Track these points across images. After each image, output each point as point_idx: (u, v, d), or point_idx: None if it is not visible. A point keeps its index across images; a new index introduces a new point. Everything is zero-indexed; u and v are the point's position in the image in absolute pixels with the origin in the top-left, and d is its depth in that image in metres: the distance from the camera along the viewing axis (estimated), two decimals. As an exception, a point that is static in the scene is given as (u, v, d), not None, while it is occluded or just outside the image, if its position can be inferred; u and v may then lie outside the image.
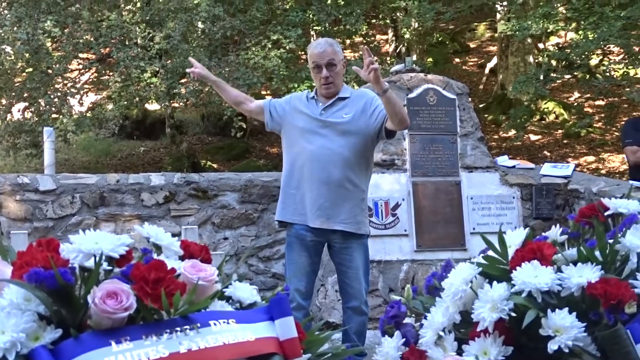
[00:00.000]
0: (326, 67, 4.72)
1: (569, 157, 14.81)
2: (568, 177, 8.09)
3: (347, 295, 4.79)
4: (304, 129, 4.79)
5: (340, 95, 4.84)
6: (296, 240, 4.77)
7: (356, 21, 12.60)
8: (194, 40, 12.02)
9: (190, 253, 1.84)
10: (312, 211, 4.70)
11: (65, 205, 7.40)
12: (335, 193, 4.69)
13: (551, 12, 12.16)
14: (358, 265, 4.77)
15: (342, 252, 4.77)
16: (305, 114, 4.83)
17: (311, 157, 4.73)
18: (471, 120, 7.89)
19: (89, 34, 11.57)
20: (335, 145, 4.71)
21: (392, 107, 4.49)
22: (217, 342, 1.59)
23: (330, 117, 4.78)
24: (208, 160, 14.82)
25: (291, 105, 4.93)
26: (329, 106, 4.82)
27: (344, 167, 4.71)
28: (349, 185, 4.74)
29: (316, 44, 4.89)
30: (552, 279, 1.86)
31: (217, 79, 5.24)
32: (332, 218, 4.69)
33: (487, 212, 7.64)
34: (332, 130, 4.75)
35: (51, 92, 11.80)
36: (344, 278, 4.80)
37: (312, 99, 4.89)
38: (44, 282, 1.52)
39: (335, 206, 4.69)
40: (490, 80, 18.55)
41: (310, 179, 4.71)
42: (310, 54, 4.83)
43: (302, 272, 4.72)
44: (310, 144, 4.74)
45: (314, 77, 4.87)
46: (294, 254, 4.78)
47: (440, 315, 1.95)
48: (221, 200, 7.76)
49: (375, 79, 4.36)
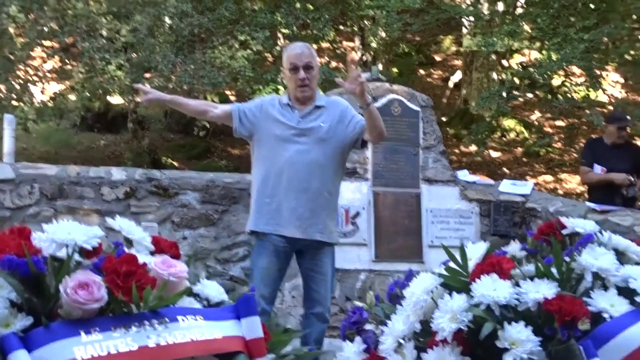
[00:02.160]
0: (304, 69, 4.67)
1: (528, 175, 15.01)
2: (526, 195, 8.20)
3: (312, 301, 4.76)
4: (280, 136, 4.71)
5: (316, 103, 4.79)
6: (268, 247, 4.68)
7: (324, 26, 12.64)
8: (160, 35, 11.95)
9: (160, 249, 1.87)
10: (290, 221, 4.63)
11: (24, 195, 7.32)
12: (314, 202, 4.66)
13: (516, 30, 12.33)
14: (327, 272, 4.76)
15: (314, 258, 4.74)
16: (281, 122, 4.74)
17: (289, 166, 4.66)
18: (434, 134, 7.97)
19: (54, 22, 11.45)
20: (313, 154, 4.68)
21: (373, 121, 4.55)
22: (185, 338, 1.62)
23: (308, 125, 4.73)
24: (169, 158, 14.74)
25: (263, 111, 4.83)
26: (306, 114, 4.76)
27: (322, 176, 4.70)
28: (327, 194, 4.74)
29: (294, 46, 4.87)
30: (510, 293, 1.92)
31: (172, 96, 5.17)
32: (311, 228, 4.66)
33: (446, 226, 7.72)
34: (310, 139, 4.69)
35: (13, 78, 11.65)
36: (310, 284, 4.76)
37: (287, 106, 4.81)
38: (16, 269, 1.54)
39: (314, 216, 4.66)
40: (454, 94, 18.72)
41: (288, 187, 4.65)
42: (287, 56, 4.77)
43: (270, 278, 4.66)
44: (287, 152, 4.67)
45: (289, 80, 4.79)
46: (263, 260, 4.68)
47: (400, 323, 2.00)
48: (182, 199, 7.73)
49: (361, 93, 4.40)
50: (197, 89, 11.57)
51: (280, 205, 4.66)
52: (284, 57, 4.83)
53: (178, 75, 11.32)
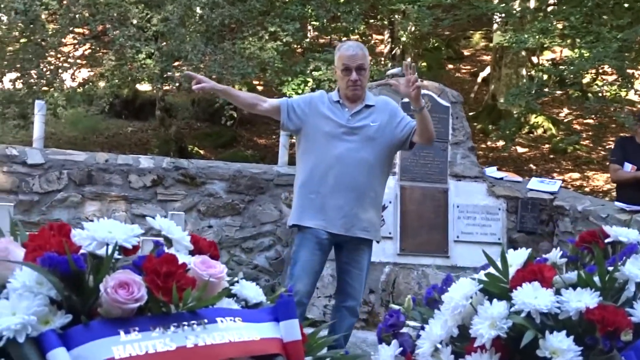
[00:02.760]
0: (356, 71, 4.70)
1: (555, 172, 14.91)
2: (554, 193, 8.15)
3: (346, 295, 4.79)
4: (329, 133, 4.73)
5: (366, 102, 4.81)
6: (310, 240, 4.70)
7: (354, 20, 12.60)
8: (191, 25, 11.97)
9: (199, 248, 1.86)
10: (336, 218, 4.67)
11: (52, 180, 7.37)
12: (361, 200, 4.69)
13: (548, 28, 12.21)
14: (364, 267, 4.81)
15: (353, 253, 4.77)
16: (330, 119, 4.76)
17: (337, 163, 4.69)
18: (463, 130, 7.93)
19: (86, 10, 11.50)
20: (362, 153, 4.70)
21: (425, 125, 4.60)
22: (223, 339, 1.60)
23: (358, 124, 4.75)
24: (195, 146, 14.78)
25: (312, 107, 4.84)
26: (356, 113, 4.78)
27: (369, 175, 4.72)
28: (372, 193, 4.77)
29: (347, 46, 4.84)
30: (551, 301, 1.89)
31: (224, 87, 5.16)
32: (355, 225, 4.69)
33: (472, 222, 7.69)
34: (359, 137, 4.71)
35: (44, 64, 11.73)
36: (346, 277, 4.80)
37: (337, 103, 4.82)
38: (57, 267, 1.53)
39: (359, 213, 4.69)
40: (482, 90, 18.62)
41: (335, 185, 4.68)
42: (340, 56, 4.78)
43: (310, 271, 4.69)
44: (336, 149, 4.69)
45: (340, 79, 4.81)
46: (305, 252, 4.71)
47: (438, 328, 1.98)
48: (208, 188, 7.76)
49: (416, 97, 4.43)
50: (225, 79, 11.56)
51: (325, 202, 4.69)
52: (337, 56, 4.84)
53: (207, 65, 11.33)
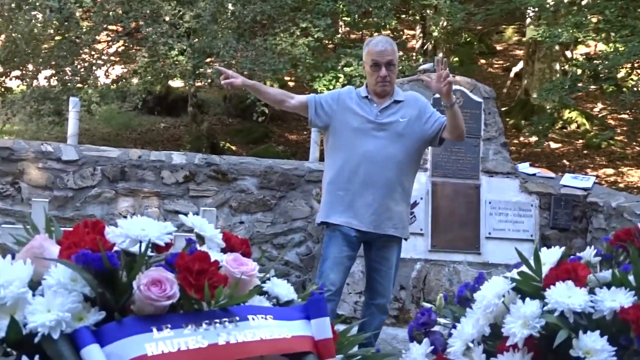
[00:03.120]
0: (385, 66, 4.65)
1: (588, 167, 14.76)
2: (588, 189, 8.07)
3: (375, 292, 4.76)
4: (357, 129, 4.68)
5: (395, 98, 4.76)
6: (338, 236, 4.67)
7: (386, 15, 12.57)
8: (223, 22, 12.02)
9: (231, 246, 1.87)
10: (365, 215, 4.63)
11: (86, 176, 7.45)
12: (390, 198, 4.65)
13: (582, 22, 12.08)
14: (392, 265, 4.77)
15: (382, 251, 4.75)
16: (358, 115, 4.71)
17: (366, 159, 4.64)
18: (495, 125, 7.88)
19: (120, 7, 11.60)
20: (391, 149, 4.65)
21: (456, 121, 4.54)
22: (255, 336, 1.61)
23: (387, 120, 4.70)
24: (227, 142, 14.85)
25: (340, 102, 4.79)
26: (385, 108, 4.73)
27: (398, 171, 4.67)
28: (401, 189, 4.72)
29: (376, 41, 4.77)
30: (585, 300, 1.87)
31: (253, 82, 5.10)
32: (384, 223, 4.66)
33: (504, 218, 7.64)
34: (388, 133, 4.66)
35: (78, 61, 11.86)
36: (375, 275, 4.76)
37: (365, 99, 4.77)
38: (91, 264, 1.55)
39: (388, 211, 4.65)
40: (515, 85, 18.47)
41: (364, 181, 4.63)
42: (369, 51, 4.73)
43: (340, 267, 4.66)
44: (365, 145, 4.65)
45: (369, 75, 4.75)
46: (334, 249, 4.68)
47: (470, 327, 1.97)
48: (240, 184, 7.79)
49: (448, 92, 4.37)
50: (257, 75, 11.60)
51: (354, 199, 4.65)
52: (365, 51, 4.79)
53: (239, 61, 11.38)
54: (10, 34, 11.50)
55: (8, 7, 11.36)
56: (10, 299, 1.51)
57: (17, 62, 11.97)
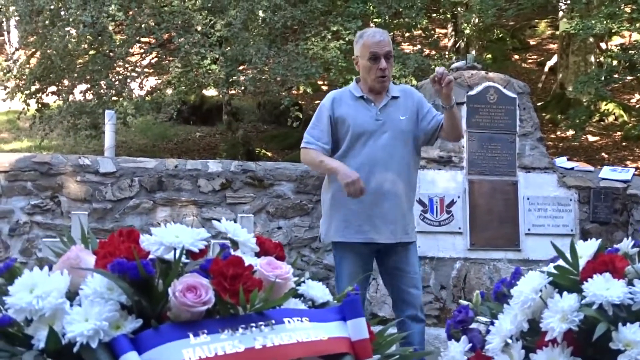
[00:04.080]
0: (384, 58, 4.32)
1: (628, 160, 14.56)
2: (627, 181, 7.96)
3: (404, 303, 4.43)
4: (359, 133, 4.37)
5: (391, 94, 4.46)
6: (350, 252, 4.37)
7: (416, 15, 12.52)
8: (254, 29, 12.07)
9: (265, 250, 1.88)
10: (384, 227, 4.34)
11: (124, 188, 7.52)
12: (402, 203, 4.40)
13: (616, 12, 11.93)
14: (416, 269, 4.48)
15: (401, 255, 4.43)
16: (358, 118, 4.39)
17: (376, 166, 4.34)
18: (531, 120, 7.81)
19: (152, 19, 11.70)
20: (398, 150, 4.38)
21: (454, 122, 4.33)
22: (291, 339, 1.62)
23: (389, 119, 4.39)
24: (262, 149, 14.90)
25: (336, 114, 4.41)
26: (383, 107, 4.42)
27: (407, 173, 4.43)
28: (411, 192, 4.51)
29: (372, 32, 4.43)
30: (623, 292, 1.85)
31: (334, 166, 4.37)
32: (400, 230, 4.39)
33: (543, 214, 7.57)
34: (391, 134, 4.37)
35: (112, 75, 11.99)
36: (399, 284, 4.44)
37: (361, 99, 4.43)
38: (127, 272, 1.57)
39: (402, 217, 4.40)
40: (549, 79, 18.30)
41: (378, 190, 4.32)
42: (365, 43, 4.36)
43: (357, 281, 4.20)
44: (372, 151, 4.35)
45: (367, 70, 4.36)
46: (349, 266, 4.37)
47: (508, 323, 1.96)
48: (276, 190, 7.82)
49: (447, 94, 4.14)
50: (290, 81, 11.64)
51: (369, 211, 4.33)
52: (359, 44, 4.41)
53: (271, 67, 11.42)
54: (45, 51, 11.66)
55: (42, 25, 11.52)
56: (48, 310, 1.54)
57: (53, 78, 12.14)
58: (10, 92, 11.97)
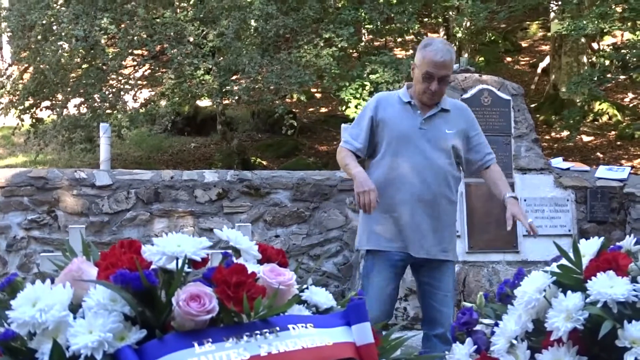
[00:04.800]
0: (438, 81, 4.13)
1: (623, 159, 14.60)
2: (624, 180, 7.98)
3: (434, 322, 4.24)
4: (401, 140, 4.19)
5: (442, 106, 4.27)
6: (384, 262, 4.21)
7: (408, 19, 12.57)
8: (246, 38, 12.11)
9: (267, 257, 1.87)
10: (415, 239, 4.17)
11: (121, 200, 7.51)
12: (440, 217, 4.21)
13: (607, 12, 11.98)
14: (450, 288, 4.28)
15: (435, 271, 4.25)
16: (401, 124, 4.22)
17: (412, 175, 4.17)
18: (526, 122, 7.83)
19: (144, 31, 11.72)
20: (440, 162, 4.20)
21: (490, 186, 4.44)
22: (296, 346, 1.61)
23: (433, 130, 4.21)
24: (258, 157, 14.91)
25: (379, 116, 4.25)
26: (430, 117, 4.23)
27: (446, 186, 4.23)
28: (450, 207, 4.29)
29: (437, 49, 4.15)
30: (628, 289, 1.84)
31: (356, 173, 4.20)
32: (435, 246, 4.21)
33: (541, 215, 7.57)
34: (434, 145, 4.20)
35: (106, 88, 12.00)
36: (431, 301, 4.25)
37: (408, 105, 4.25)
38: (129, 283, 1.55)
39: (438, 232, 4.20)
40: (542, 80, 18.36)
41: (412, 200, 4.16)
42: (424, 59, 4.15)
43: (387, 299, 4.22)
44: (410, 159, 4.18)
45: (418, 82, 4.19)
46: (379, 277, 4.20)
47: (512, 323, 1.95)
48: (273, 198, 7.81)
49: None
50: (283, 89, 11.66)
51: (402, 220, 4.17)
52: (421, 55, 4.18)
53: (265, 76, 11.44)
54: (38, 66, 11.67)
55: (35, 40, 11.53)
56: (51, 323, 1.52)
57: (47, 93, 12.15)
58: (4, 107, 11.98)
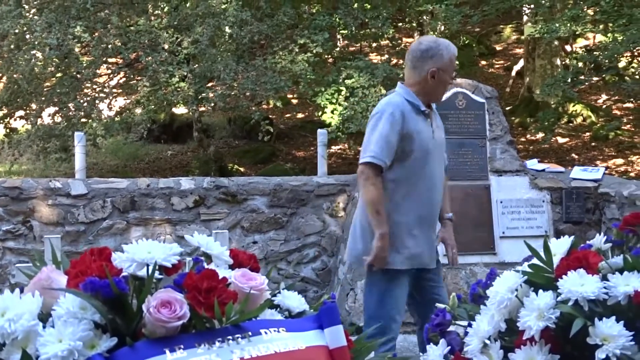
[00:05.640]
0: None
1: (597, 159, 14.71)
2: (598, 180, 8.03)
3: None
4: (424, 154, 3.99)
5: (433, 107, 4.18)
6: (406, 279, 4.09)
7: (383, 24, 12.61)
8: (221, 45, 12.10)
9: (239, 262, 1.87)
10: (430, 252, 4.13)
11: (97, 209, 7.46)
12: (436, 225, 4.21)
13: (579, 15, 12.09)
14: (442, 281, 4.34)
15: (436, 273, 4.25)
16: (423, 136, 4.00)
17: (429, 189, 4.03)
18: (500, 124, 7.86)
19: (118, 39, 11.67)
20: (441, 172, 4.15)
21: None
22: (269, 350, 1.60)
23: (439, 139, 4.12)
24: (235, 164, 14.89)
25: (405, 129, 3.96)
26: (433, 121, 4.12)
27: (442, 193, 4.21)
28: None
29: (451, 45, 4.07)
30: (598, 287, 1.86)
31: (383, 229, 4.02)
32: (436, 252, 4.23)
33: (517, 216, 7.61)
34: (439, 151, 4.12)
35: (80, 96, 11.93)
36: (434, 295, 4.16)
37: (422, 113, 4.03)
38: (99, 291, 1.54)
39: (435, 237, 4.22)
40: (517, 83, 18.47)
41: (429, 214, 4.06)
42: (452, 58, 4.02)
43: (402, 305, 4.14)
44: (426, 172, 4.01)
45: (442, 84, 4.04)
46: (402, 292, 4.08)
47: (485, 324, 1.96)
48: (250, 205, 7.80)
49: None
50: (259, 95, 11.66)
51: (421, 239, 4.05)
52: (445, 57, 4.00)
53: (240, 82, 11.43)
54: (12, 75, 11.60)
55: (7, 49, 11.46)
56: (21, 333, 1.51)
57: (20, 102, 12.08)
58: (-22, 118, 11.88)
